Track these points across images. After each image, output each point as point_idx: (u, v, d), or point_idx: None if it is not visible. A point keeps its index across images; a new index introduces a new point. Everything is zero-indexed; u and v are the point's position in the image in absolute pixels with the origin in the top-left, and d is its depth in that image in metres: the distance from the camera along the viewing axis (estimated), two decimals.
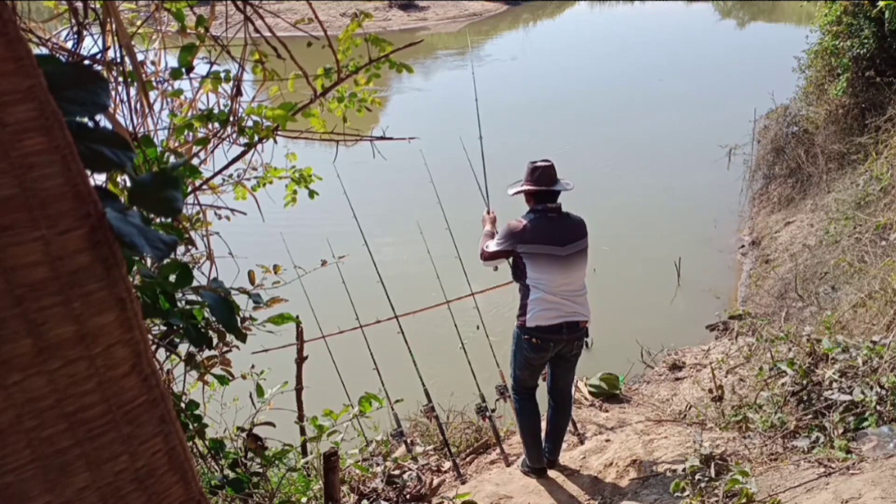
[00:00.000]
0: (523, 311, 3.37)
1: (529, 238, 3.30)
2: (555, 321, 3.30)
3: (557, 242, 3.30)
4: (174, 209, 0.81)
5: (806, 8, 15.64)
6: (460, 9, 27.00)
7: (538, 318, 3.30)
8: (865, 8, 7.62)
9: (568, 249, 3.31)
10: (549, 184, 3.35)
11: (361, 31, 2.37)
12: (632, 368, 5.62)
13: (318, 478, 3.30)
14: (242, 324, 1.83)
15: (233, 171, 2.34)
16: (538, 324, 3.30)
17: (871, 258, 5.45)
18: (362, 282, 4.20)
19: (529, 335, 3.34)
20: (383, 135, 2.53)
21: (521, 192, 3.41)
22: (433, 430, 4.31)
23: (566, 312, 3.31)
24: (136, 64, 1.61)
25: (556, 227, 3.33)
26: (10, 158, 0.63)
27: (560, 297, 3.29)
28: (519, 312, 3.41)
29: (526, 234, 3.30)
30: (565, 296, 3.30)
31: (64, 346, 0.69)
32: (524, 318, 3.35)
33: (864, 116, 7.90)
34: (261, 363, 2.63)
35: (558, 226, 3.34)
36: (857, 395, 3.13)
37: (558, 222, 3.36)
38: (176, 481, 0.81)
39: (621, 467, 3.66)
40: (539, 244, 3.29)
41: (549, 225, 3.33)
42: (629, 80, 16.56)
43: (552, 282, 3.28)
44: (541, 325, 3.30)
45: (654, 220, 8.98)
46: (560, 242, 3.30)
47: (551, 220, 3.35)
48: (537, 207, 3.37)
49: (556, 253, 3.29)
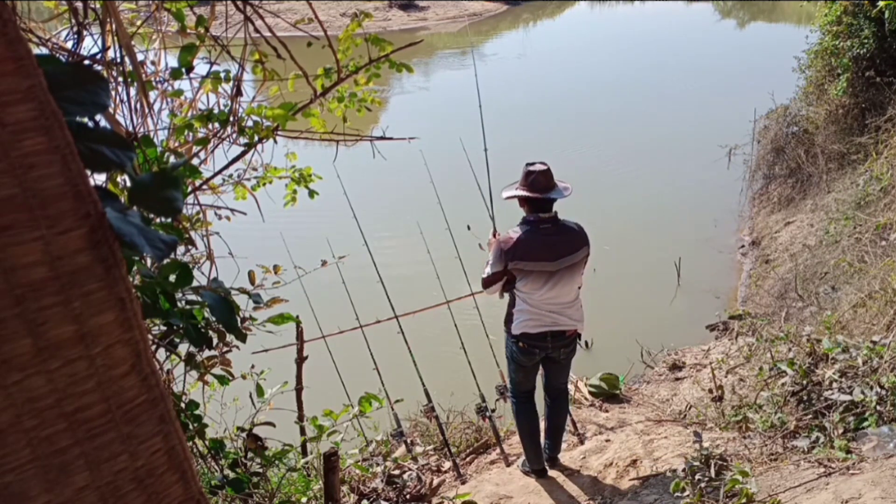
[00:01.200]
0: (509, 319, 3.35)
1: (520, 254, 3.18)
2: (539, 330, 3.28)
3: (548, 258, 3.18)
4: (174, 209, 0.81)
5: (806, 8, 15.66)
6: (460, 9, 26.99)
7: (523, 326, 3.29)
8: (865, 8, 7.62)
9: (559, 264, 3.19)
10: (544, 190, 3.19)
11: (361, 31, 2.37)
12: (632, 368, 5.62)
13: (318, 478, 3.30)
14: (242, 324, 1.84)
15: (233, 171, 2.34)
16: (524, 331, 3.29)
17: (871, 258, 5.45)
18: (362, 282, 4.20)
19: (516, 339, 3.34)
20: (383, 135, 2.53)
21: (515, 197, 3.27)
22: (433, 430, 4.31)
23: (550, 322, 3.27)
24: (136, 64, 1.61)
25: (548, 240, 3.20)
26: (10, 158, 0.63)
27: (545, 311, 3.25)
28: (506, 318, 3.40)
29: (517, 251, 3.18)
30: (552, 308, 3.26)
31: (64, 346, 0.69)
32: (510, 324, 3.35)
33: (864, 116, 7.90)
34: (261, 363, 2.63)
35: (551, 239, 3.20)
36: (857, 395, 3.13)
37: (552, 235, 3.21)
38: (175, 481, 0.81)
39: (621, 467, 3.66)
40: (529, 261, 3.18)
41: (540, 238, 3.19)
42: (629, 80, 16.56)
43: (539, 296, 3.22)
44: (526, 333, 3.29)
45: (654, 220, 8.98)
46: (551, 257, 3.18)
47: (544, 232, 3.20)
48: (530, 217, 3.24)
49: (546, 269, 3.19)
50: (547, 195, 3.19)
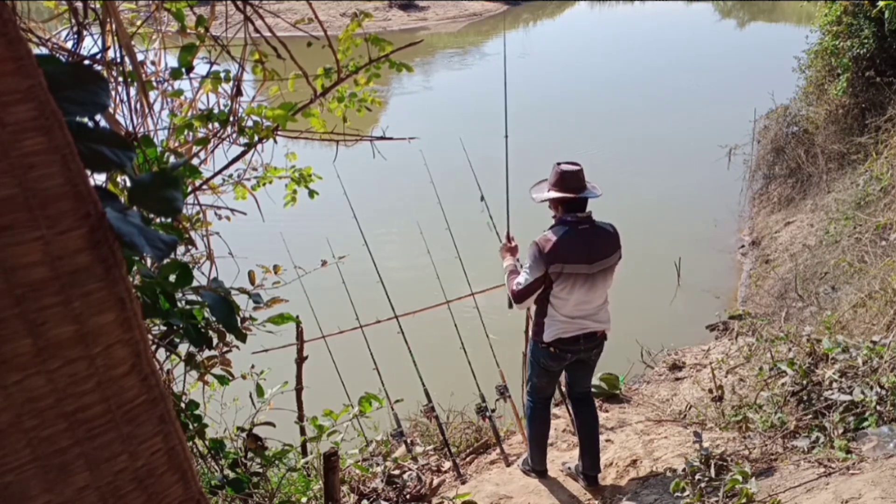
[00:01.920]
0: (539, 329, 3.20)
1: (562, 256, 3.00)
2: (572, 334, 3.18)
3: (586, 260, 3.03)
4: (174, 209, 0.81)
5: (806, 8, 15.67)
6: (460, 9, 27.01)
7: (556, 333, 3.16)
8: (865, 8, 7.63)
9: (595, 267, 3.06)
10: (578, 190, 3.05)
11: (361, 31, 2.37)
12: (632, 368, 5.62)
13: (318, 478, 3.30)
14: (242, 324, 1.84)
15: (233, 171, 2.34)
16: (557, 337, 3.17)
17: (871, 258, 5.45)
18: (362, 282, 4.20)
19: (548, 345, 3.21)
20: (383, 135, 2.53)
21: (549, 199, 3.11)
22: (433, 430, 4.31)
23: (582, 326, 3.18)
24: (136, 64, 1.61)
25: (587, 241, 3.05)
26: (10, 158, 0.63)
27: (577, 316, 3.14)
28: (534, 329, 3.25)
29: (559, 253, 3.00)
30: (584, 313, 3.15)
31: (64, 346, 0.69)
32: (540, 335, 3.20)
33: (864, 116, 7.90)
34: (261, 363, 2.63)
35: (589, 241, 3.06)
36: (857, 395, 3.13)
37: (590, 236, 3.07)
38: (175, 481, 0.81)
39: (621, 467, 3.66)
40: (570, 263, 3.01)
41: (579, 239, 3.04)
42: (629, 80, 16.57)
43: (574, 300, 3.09)
44: (560, 338, 3.18)
45: (654, 220, 8.98)
46: (588, 259, 3.04)
47: (583, 233, 3.05)
48: (567, 218, 3.07)
49: (583, 271, 3.04)
50: (582, 195, 3.08)
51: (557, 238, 3.02)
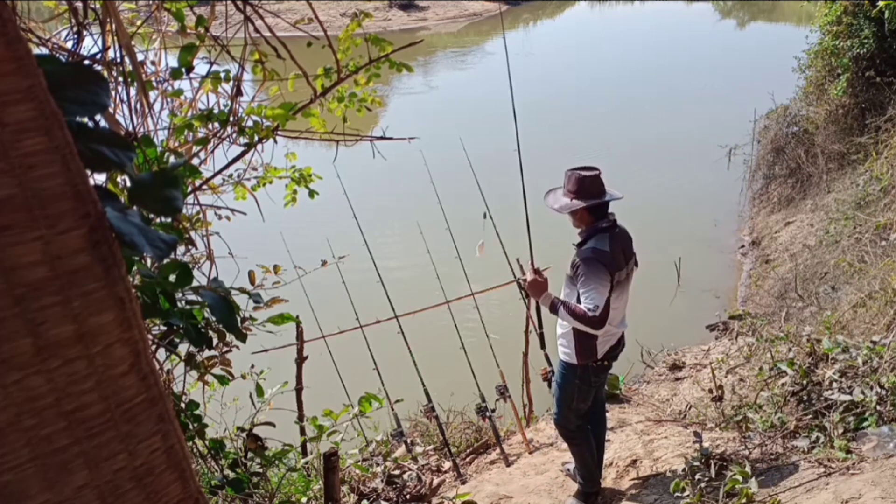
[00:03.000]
0: (591, 350, 3.02)
1: (616, 265, 2.90)
2: (614, 342, 3.13)
3: (625, 264, 2.98)
4: (174, 209, 0.81)
5: (806, 8, 15.67)
6: (460, 9, 27.02)
7: (607, 346, 3.07)
8: (865, 8, 7.63)
9: (628, 269, 3.01)
10: (602, 194, 2.95)
11: (361, 31, 2.37)
12: (632, 368, 5.62)
13: (318, 478, 3.30)
14: (242, 324, 1.84)
15: (233, 171, 2.35)
16: (608, 348, 3.09)
17: (871, 258, 5.45)
18: (362, 282, 4.20)
19: (601, 360, 3.08)
20: (383, 135, 2.53)
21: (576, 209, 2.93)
22: (433, 430, 4.31)
23: (619, 332, 3.15)
24: (136, 64, 1.61)
25: (621, 245, 2.99)
26: (10, 158, 0.63)
27: (618, 323, 3.07)
28: (583, 352, 3.03)
29: (614, 263, 2.89)
30: (620, 318, 3.09)
31: (63, 346, 0.69)
32: (594, 354, 3.03)
33: (864, 116, 7.91)
34: (261, 363, 2.64)
35: (622, 244, 3.00)
36: (857, 395, 3.13)
37: (621, 240, 3.01)
38: (174, 479, 0.81)
39: (621, 467, 3.66)
40: (619, 270, 2.92)
41: (617, 245, 2.96)
42: (629, 80, 16.57)
43: (620, 309, 3.01)
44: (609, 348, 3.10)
45: (654, 220, 8.97)
46: (626, 263, 3.00)
47: (618, 237, 2.98)
48: (601, 224, 2.96)
49: (625, 277, 2.99)
50: (606, 199, 2.98)
51: (609, 248, 2.92)
